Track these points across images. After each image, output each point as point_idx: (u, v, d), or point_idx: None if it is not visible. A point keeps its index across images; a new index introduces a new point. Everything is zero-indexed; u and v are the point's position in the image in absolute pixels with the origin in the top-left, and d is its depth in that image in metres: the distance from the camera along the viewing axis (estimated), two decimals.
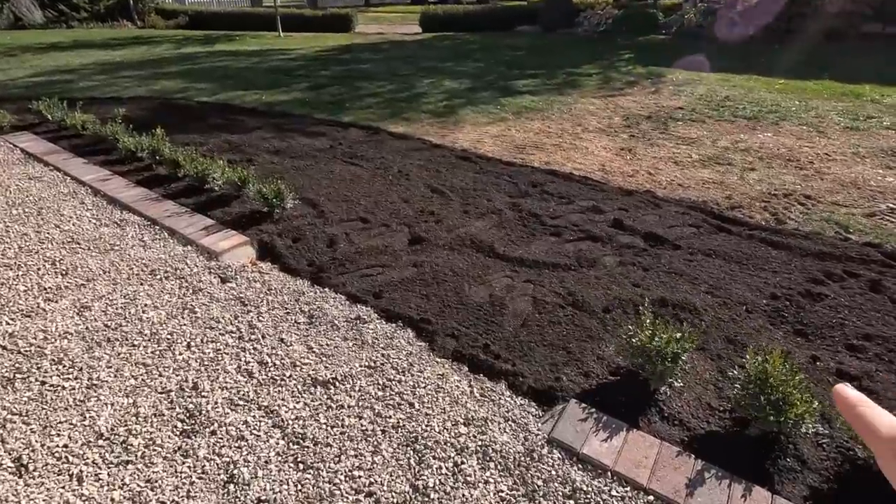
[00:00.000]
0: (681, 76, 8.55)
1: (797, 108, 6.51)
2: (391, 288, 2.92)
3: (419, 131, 5.86)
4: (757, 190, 4.19)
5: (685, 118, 6.20)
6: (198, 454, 1.91)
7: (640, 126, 5.95)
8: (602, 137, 5.60)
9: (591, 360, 2.34)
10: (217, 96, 7.59)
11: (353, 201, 3.99)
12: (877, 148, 5.03)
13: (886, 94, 7.04)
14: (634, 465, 1.83)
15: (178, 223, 3.59)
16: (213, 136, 5.58)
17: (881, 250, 3.24)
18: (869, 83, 7.60)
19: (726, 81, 8.11)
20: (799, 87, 7.65)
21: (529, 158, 4.97)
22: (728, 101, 6.87)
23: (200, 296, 2.87)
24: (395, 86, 8.23)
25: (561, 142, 5.46)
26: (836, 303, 2.74)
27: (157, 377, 2.27)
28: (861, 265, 3.08)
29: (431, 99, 7.35)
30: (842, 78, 7.95)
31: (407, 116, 6.47)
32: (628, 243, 3.37)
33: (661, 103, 6.91)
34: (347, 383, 2.25)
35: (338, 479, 1.82)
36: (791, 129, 5.70)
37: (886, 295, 2.79)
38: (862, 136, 5.42)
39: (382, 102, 7.18)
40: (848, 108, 6.41)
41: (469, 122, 6.24)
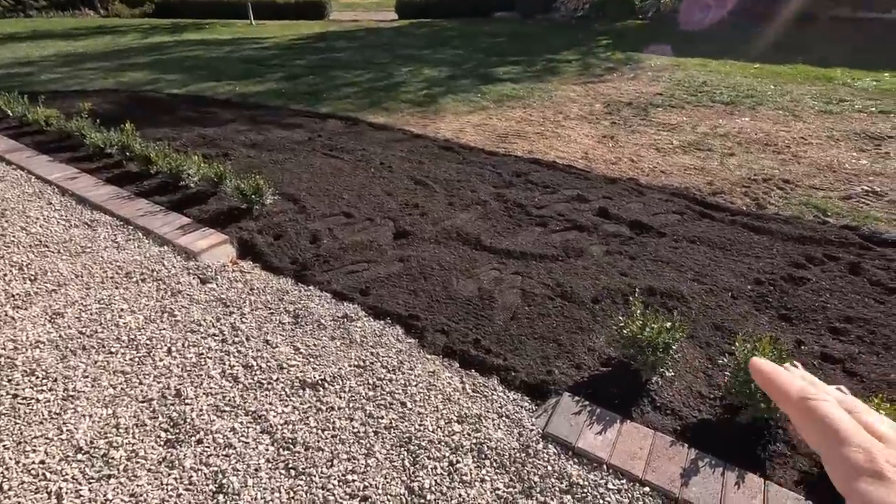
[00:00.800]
0: (659, 62, 8.58)
1: (773, 92, 6.60)
2: (378, 284, 2.86)
3: (399, 121, 5.75)
4: (737, 175, 4.24)
5: (665, 104, 6.23)
6: (184, 464, 1.84)
7: (621, 113, 5.95)
8: (584, 125, 5.58)
9: (582, 352, 2.34)
10: (188, 88, 7.33)
11: (336, 195, 3.90)
12: (850, 131, 5.13)
13: (857, 77, 7.19)
14: (629, 457, 1.84)
15: (152, 222, 3.45)
16: (185, 129, 5.39)
17: (858, 233, 3.30)
18: (840, 67, 7.75)
19: (703, 66, 8.18)
20: (774, 71, 7.76)
21: (512, 147, 4.93)
22: (706, 87, 6.92)
23: (180, 298, 2.77)
24: (373, 75, 8.07)
25: (543, 130, 5.43)
26: (818, 286, 2.79)
27: (138, 385, 2.19)
28: (840, 248, 3.14)
29: (411, 88, 7.23)
30: (814, 62, 8.09)
31: (386, 106, 6.36)
32: (614, 232, 3.37)
33: (640, 89, 6.93)
34: (337, 384, 2.20)
35: (331, 484, 1.78)
36: (767, 114, 5.78)
37: (865, 277, 2.85)
38: (835, 119, 5.53)
39: (361, 92, 7.03)
40: (821, 92, 6.52)
41: (450, 111, 6.16)
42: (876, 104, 5.94)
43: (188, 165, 3.87)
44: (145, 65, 9.12)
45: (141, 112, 5.98)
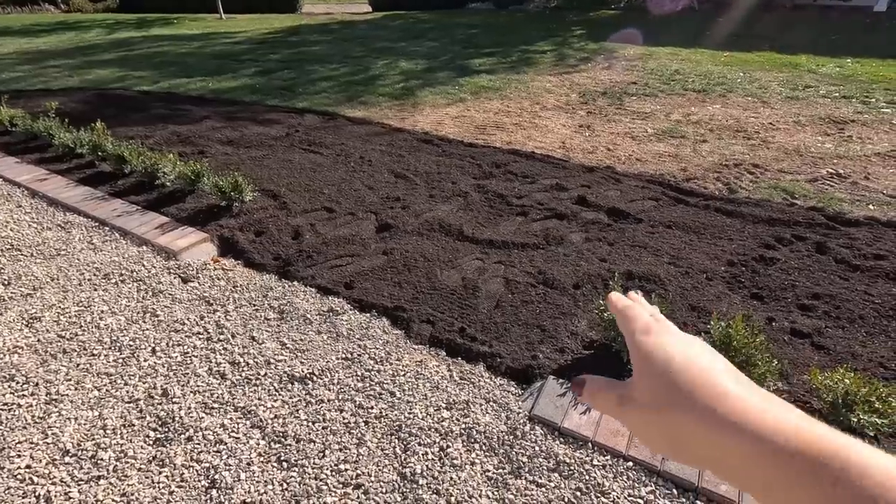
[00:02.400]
0: (632, 51, 8.71)
1: (742, 79, 6.78)
2: (362, 277, 2.88)
3: (378, 115, 5.74)
4: (709, 161, 4.36)
5: (639, 93, 6.34)
6: (175, 462, 1.84)
7: (597, 102, 6.04)
8: (560, 115, 5.65)
9: (565, 337, 2.40)
10: (159, 84, 7.16)
11: (316, 190, 3.89)
12: (815, 116, 5.32)
13: (821, 63, 7.42)
14: (613, 435, 1.91)
15: (129, 223, 3.39)
16: (158, 127, 5.28)
17: (824, 213, 3.45)
18: (805, 54, 7.99)
19: (675, 55, 8.34)
20: (742, 59, 7.95)
21: (491, 139, 4.97)
22: (678, 75, 7.07)
23: (161, 298, 2.74)
24: (350, 68, 8.00)
25: (521, 121, 5.48)
26: (787, 266, 2.91)
27: (123, 386, 2.17)
28: (807, 229, 3.27)
29: (388, 81, 7.20)
30: (781, 49, 8.32)
31: (364, 100, 6.32)
32: (593, 219, 3.44)
33: (614, 79, 7.04)
34: (326, 377, 2.22)
35: (324, 474, 1.81)
36: (737, 101, 5.94)
37: (831, 255, 2.98)
38: (801, 105, 5.71)
39: (337, 86, 6.98)
40: (788, 79, 6.73)
41: (428, 103, 6.16)
42: (839, 89, 6.15)
43: (164, 164, 3.80)
44: (112, 61, 8.85)
45: (110, 110, 5.83)
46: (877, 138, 4.69)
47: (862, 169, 4.10)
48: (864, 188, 3.80)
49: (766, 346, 1.97)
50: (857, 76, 6.71)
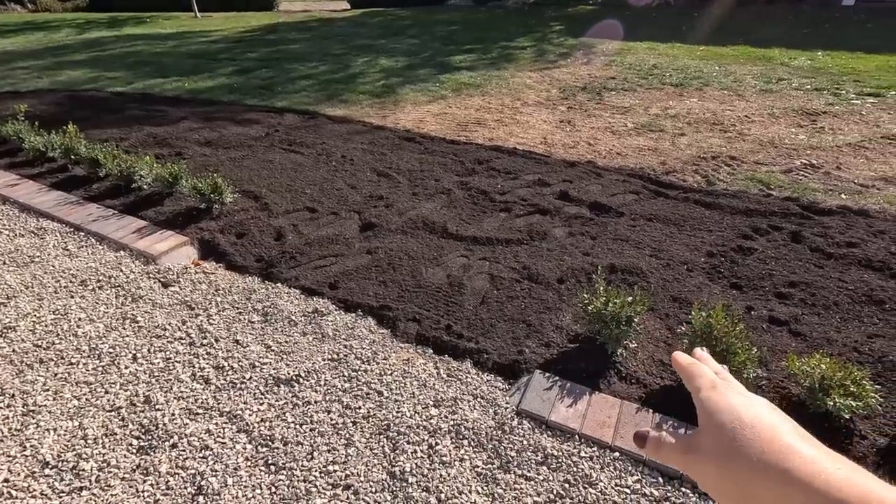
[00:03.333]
0: (610, 46, 8.80)
1: (718, 73, 6.89)
2: (347, 277, 2.86)
3: (359, 113, 5.70)
4: (688, 154, 4.43)
5: (618, 87, 6.41)
6: (159, 470, 1.81)
7: (577, 97, 6.09)
8: (541, 111, 5.68)
9: (550, 331, 2.42)
10: (133, 85, 7.00)
11: (298, 190, 3.85)
12: (789, 108, 5.44)
13: (793, 56, 7.59)
14: (599, 426, 1.93)
15: (105, 227, 3.32)
16: (134, 129, 5.16)
17: (798, 203, 3.53)
18: (778, 47, 8.16)
19: (653, 50, 8.44)
20: (718, 53, 8.09)
21: (473, 135, 4.97)
22: (656, 70, 7.16)
23: (141, 303, 2.69)
24: (329, 66, 7.93)
25: (502, 117, 5.49)
26: (764, 255, 2.98)
27: (104, 395, 2.12)
28: (783, 219, 3.35)
29: (368, 79, 7.16)
30: (754, 43, 8.49)
31: (344, 98, 6.27)
32: (575, 214, 3.47)
33: (594, 74, 7.10)
34: (312, 379, 2.21)
35: (312, 476, 1.80)
36: (714, 94, 6.04)
37: (805, 244, 3.06)
38: (775, 97, 5.84)
39: (317, 85, 6.90)
40: (762, 72, 6.86)
41: (409, 101, 6.14)
42: (811, 82, 6.30)
43: (140, 166, 3.72)
44: (84, 62, 8.63)
45: (83, 112, 5.68)
46: (847, 129, 4.81)
47: (834, 159, 4.21)
48: (836, 178, 3.90)
49: (745, 334, 2.01)
50: (827, 69, 6.88)
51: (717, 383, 0.42)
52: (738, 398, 0.40)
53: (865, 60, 7.16)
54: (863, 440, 1.86)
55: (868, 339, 2.33)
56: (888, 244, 3.00)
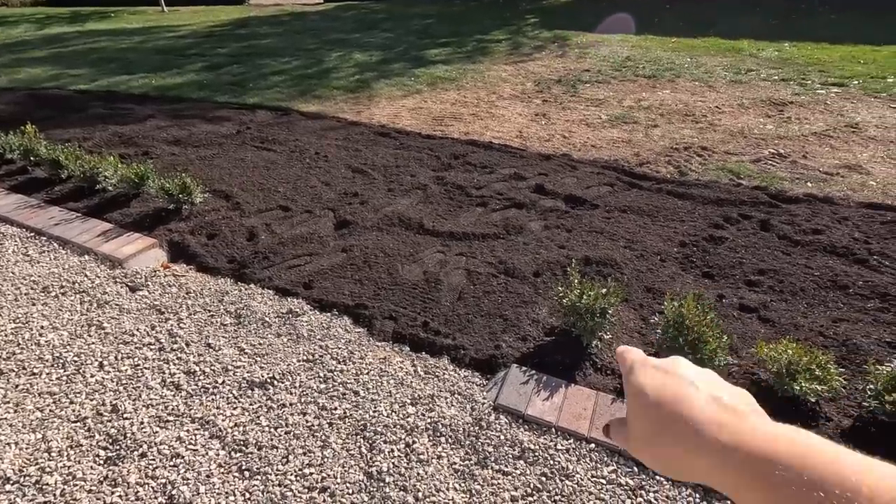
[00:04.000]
0: (584, 38, 8.84)
1: (689, 64, 6.99)
2: (321, 276, 2.82)
3: (333, 109, 5.61)
4: (661, 145, 4.48)
5: (592, 80, 6.45)
6: (128, 481, 1.76)
7: (552, 90, 6.11)
8: (517, 104, 5.69)
9: (527, 325, 2.43)
10: (97, 83, 6.77)
11: (270, 189, 3.77)
12: (757, 98, 5.55)
13: (761, 48, 7.74)
14: (575, 418, 1.95)
15: (69, 231, 3.20)
16: (98, 128, 4.99)
17: (767, 192, 3.61)
18: (746, 39, 8.31)
19: (626, 42, 8.51)
20: (689, 44, 8.20)
21: (449, 130, 4.94)
22: (629, 62, 7.22)
23: (108, 309, 2.60)
24: (302, 61, 7.78)
25: (478, 111, 5.48)
26: (735, 244, 3.03)
27: (68, 405, 2.05)
28: (752, 207, 3.42)
29: (342, 74, 7.05)
30: (724, 35, 8.62)
31: (318, 94, 6.17)
32: (551, 207, 3.49)
33: (568, 66, 7.13)
34: (287, 381, 2.17)
35: (288, 480, 1.77)
36: (686, 86, 6.13)
37: (774, 232, 3.13)
38: (745, 88, 5.95)
39: (290, 80, 6.78)
40: (731, 63, 6.98)
41: (384, 96, 6.07)
42: (778, 72, 6.44)
43: (104, 167, 3.59)
44: (44, 59, 8.30)
45: (44, 112, 5.47)
46: (813, 118, 4.94)
47: (800, 148, 4.31)
48: (802, 166, 4.00)
49: (716, 322, 2.05)
50: (794, 59, 7.04)
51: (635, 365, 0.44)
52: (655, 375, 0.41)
53: (830, 51, 7.35)
54: (828, 422, 1.91)
55: (833, 323, 2.40)
56: (851, 230, 3.09)
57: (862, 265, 2.79)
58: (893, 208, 3.34)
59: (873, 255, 2.85)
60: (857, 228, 3.11)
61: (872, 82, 5.84)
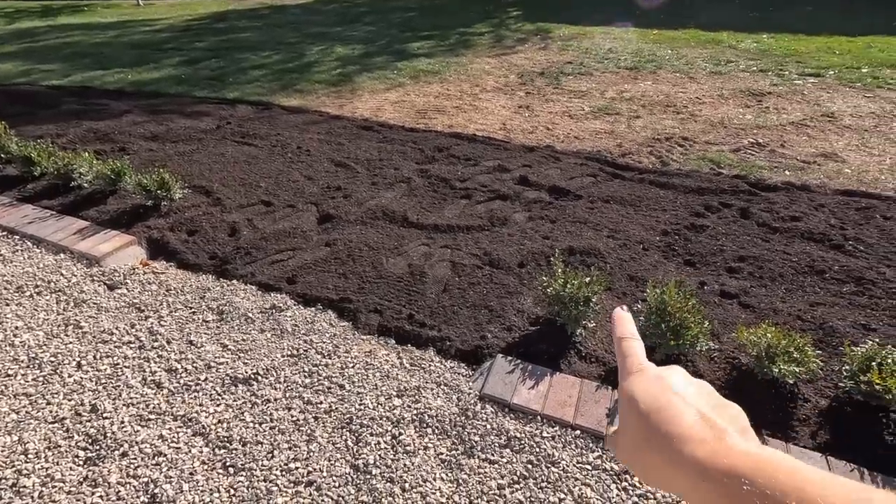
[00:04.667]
0: (567, 31, 8.86)
1: (670, 56, 7.05)
2: (305, 271, 2.79)
3: (315, 103, 5.55)
4: (643, 136, 4.52)
5: (574, 72, 6.47)
6: (109, 481, 1.73)
7: (535, 83, 6.11)
8: (500, 96, 5.68)
9: (512, 315, 2.44)
10: (71, 78, 6.59)
11: (252, 184, 3.72)
12: (737, 89, 5.62)
13: (740, 39, 7.84)
14: (560, 406, 1.96)
15: (43, 230, 3.12)
16: (72, 125, 4.86)
17: (747, 181, 3.66)
18: (726, 30, 8.40)
19: (608, 34, 8.55)
20: (670, 36, 8.27)
21: (432, 123, 4.92)
22: (611, 53, 7.26)
23: (85, 308, 2.54)
24: (283, 55, 7.67)
25: (461, 104, 5.46)
26: (716, 232, 3.08)
27: (45, 406, 2.00)
28: (732, 196, 3.47)
29: (324, 67, 6.97)
30: (704, 26, 8.71)
31: (300, 88, 6.09)
32: (535, 198, 3.50)
33: (551, 59, 7.14)
34: (271, 376, 2.15)
35: (273, 475, 1.75)
36: (667, 77, 6.18)
37: (753, 220, 3.18)
38: (724, 79, 6.02)
39: (271, 74, 6.68)
40: (711, 55, 7.06)
41: (366, 89, 6.02)
42: (757, 63, 6.53)
43: (79, 164, 3.50)
44: (15, 54, 8.06)
45: (15, 108, 5.31)
46: (791, 108, 5.02)
47: (778, 137, 4.38)
48: (780, 155, 4.07)
49: (697, 308, 2.07)
50: (772, 51, 7.14)
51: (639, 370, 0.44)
52: (649, 385, 0.41)
53: (806, 42, 7.47)
54: (806, 403, 1.95)
55: (810, 307, 2.45)
56: (828, 217, 3.16)
57: (838, 250, 2.85)
58: (868, 195, 3.41)
59: (849, 240, 2.91)
60: (833, 215, 3.18)
61: (847, 72, 5.96)
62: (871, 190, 3.49)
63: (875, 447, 1.79)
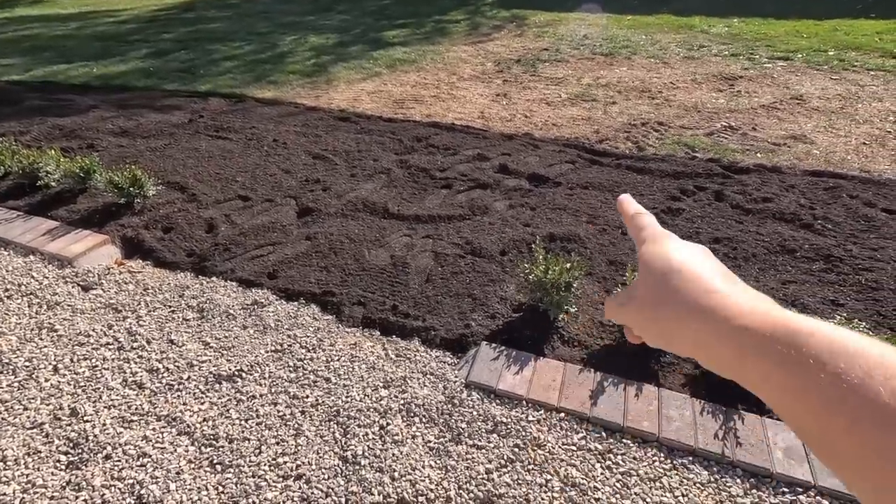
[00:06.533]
0: (542, 17, 8.85)
1: (644, 42, 7.11)
2: (286, 265, 2.77)
3: (290, 94, 5.45)
4: (619, 122, 4.57)
5: (551, 59, 6.48)
6: (93, 484, 1.71)
7: (512, 70, 6.10)
8: (477, 85, 5.66)
9: (495, 303, 2.46)
10: (32, 73, 6.34)
11: (228, 179, 3.65)
12: (709, 74, 5.71)
13: (713, 24, 7.94)
14: (545, 390, 2.00)
15: (10, 231, 3.01)
16: (36, 121, 4.68)
17: (720, 164, 3.74)
18: (698, 15, 8.50)
19: (583, 20, 8.57)
20: (644, 22, 8.33)
21: (410, 112, 4.89)
22: (587, 40, 7.28)
23: (59, 310, 2.48)
24: (255, 46, 7.50)
25: (439, 93, 5.43)
26: (692, 214, 3.14)
27: (22, 412, 1.96)
28: (707, 179, 3.54)
29: (298, 58, 6.84)
30: (677, 12, 8.79)
31: (274, 79, 5.97)
32: (515, 186, 3.51)
33: (527, 46, 7.13)
34: (255, 372, 2.13)
35: (261, 470, 1.75)
36: (641, 63, 6.24)
37: (727, 202, 3.26)
38: (697, 64, 6.11)
39: (243, 66, 6.52)
40: (685, 40, 7.14)
41: (342, 79, 5.93)
42: (728, 48, 6.63)
43: (45, 161, 3.39)
44: None
45: None
46: (761, 92, 5.12)
47: (750, 120, 4.48)
48: (752, 138, 4.16)
49: None
50: (742, 35, 7.26)
51: (657, 235, 0.45)
52: (673, 245, 0.43)
53: (776, 26, 7.61)
54: None
55: (782, 285, 2.53)
56: (798, 197, 3.25)
57: (808, 230, 2.95)
58: (835, 175, 3.52)
59: (817, 219, 3.01)
60: (802, 195, 3.27)
61: (815, 55, 6.10)
62: (838, 170, 3.60)
63: None
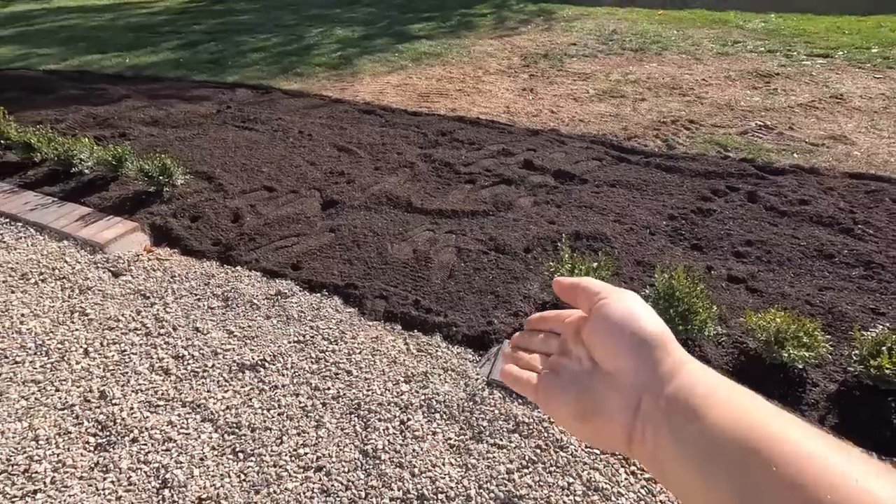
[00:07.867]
0: (570, 12, 8.70)
1: (676, 37, 6.93)
2: (310, 257, 2.78)
3: (315, 86, 5.47)
4: (648, 119, 4.46)
5: (579, 54, 6.37)
6: (120, 466, 1.74)
7: (538, 65, 6.02)
8: (503, 79, 5.60)
9: (518, 300, 2.43)
10: (68, 62, 6.51)
11: (254, 169, 3.68)
12: (744, 71, 5.53)
13: (748, 19, 7.70)
14: None
15: (45, 216, 3.10)
16: (71, 110, 4.80)
17: (754, 164, 3.62)
18: (733, 10, 8.25)
19: (612, 15, 8.40)
20: (675, 16, 8.12)
21: (435, 106, 4.86)
22: (616, 35, 7.13)
23: (90, 295, 2.54)
24: (282, 38, 7.56)
25: (464, 87, 5.38)
26: (723, 216, 3.05)
27: (54, 393, 2.01)
28: (739, 179, 3.43)
29: (324, 50, 6.86)
30: (711, 6, 8.55)
31: (300, 71, 6.01)
32: (540, 182, 3.46)
33: (554, 40, 7.02)
34: (278, 362, 2.15)
35: (283, 460, 1.76)
36: (672, 58, 6.08)
37: (761, 204, 3.15)
38: (731, 60, 5.92)
39: (270, 57, 6.58)
40: (718, 35, 6.94)
41: (367, 72, 5.93)
42: (764, 44, 6.41)
43: (79, 149, 3.47)
44: (10, 38, 7.94)
45: (12, 93, 5.25)
46: (799, 90, 4.94)
47: (786, 119, 4.32)
48: (788, 138, 4.01)
49: (705, 293, 2.06)
50: (780, 31, 7.01)
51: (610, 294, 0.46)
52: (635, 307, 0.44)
53: (815, 22, 7.33)
54: (815, 387, 1.95)
55: (819, 291, 2.43)
56: (837, 200, 3.12)
57: (847, 234, 2.83)
58: (877, 178, 3.37)
59: (858, 224, 2.89)
60: (842, 198, 3.14)
61: (857, 53, 5.85)
62: (881, 173, 3.44)
63: (884, 431, 1.79)
